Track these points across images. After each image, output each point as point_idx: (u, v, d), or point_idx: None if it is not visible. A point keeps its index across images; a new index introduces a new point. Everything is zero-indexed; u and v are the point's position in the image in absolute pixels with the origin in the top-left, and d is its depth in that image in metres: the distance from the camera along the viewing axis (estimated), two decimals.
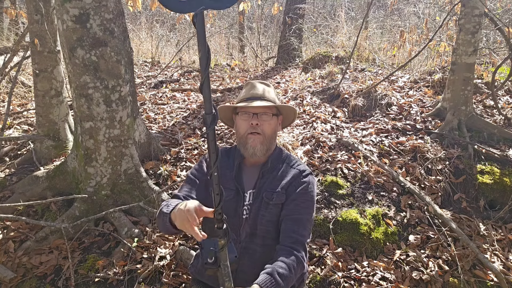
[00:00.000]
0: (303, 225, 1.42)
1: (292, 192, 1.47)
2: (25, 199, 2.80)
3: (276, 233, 1.48)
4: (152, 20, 9.82)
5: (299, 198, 1.45)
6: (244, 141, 1.49)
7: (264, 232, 1.48)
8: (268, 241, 1.48)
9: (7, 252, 2.45)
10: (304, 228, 1.43)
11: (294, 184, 1.48)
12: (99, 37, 2.48)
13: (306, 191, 1.48)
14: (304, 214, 1.44)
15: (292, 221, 1.42)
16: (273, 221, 1.47)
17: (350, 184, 3.03)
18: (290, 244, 1.38)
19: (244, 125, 1.49)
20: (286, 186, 1.49)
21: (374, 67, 5.96)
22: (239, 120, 1.51)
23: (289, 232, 1.40)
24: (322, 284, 2.35)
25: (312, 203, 1.49)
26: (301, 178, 1.50)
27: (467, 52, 3.84)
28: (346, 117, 4.32)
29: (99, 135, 2.65)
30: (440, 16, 7.83)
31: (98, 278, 2.30)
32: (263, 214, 1.47)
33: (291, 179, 1.50)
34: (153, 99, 4.89)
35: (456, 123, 3.84)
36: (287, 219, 1.43)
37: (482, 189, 3.24)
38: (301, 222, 1.42)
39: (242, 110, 1.49)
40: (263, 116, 1.48)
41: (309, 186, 1.49)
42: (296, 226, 1.41)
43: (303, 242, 1.40)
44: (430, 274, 2.43)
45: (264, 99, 1.51)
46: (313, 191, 1.51)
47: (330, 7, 13.88)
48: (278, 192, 1.47)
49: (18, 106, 4.61)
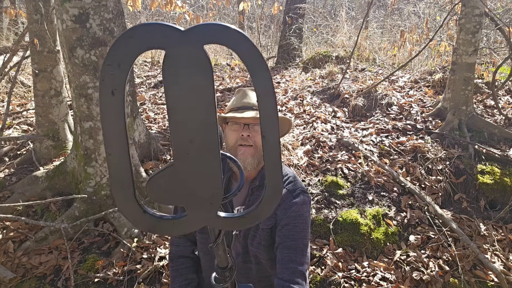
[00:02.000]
0: (300, 251, 1.30)
1: (283, 216, 1.34)
2: (25, 199, 2.79)
3: (268, 255, 1.39)
4: (152, 20, 9.81)
5: (291, 223, 1.33)
6: (234, 153, 1.36)
7: (256, 252, 1.40)
8: (261, 261, 1.41)
9: (6, 252, 2.45)
10: (302, 255, 1.31)
11: (283, 207, 1.35)
12: (99, 37, 2.47)
13: (298, 214, 1.34)
14: (299, 239, 1.32)
15: (287, 249, 1.30)
16: (263, 245, 1.37)
17: (350, 184, 3.03)
18: (288, 277, 1.25)
19: (234, 136, 1.36)
20: (274, 209, 1.37)
21: (374, 67, 5.95)
22: (228, 131, 1.38)
23: (287, 262, 1.28)
24: (322, 284, 2.34)
25: (306, 225, 1.36)
26: (291, 199, 1.36)
27: (467, 52, 3.84)
28: (346, 117, 4.31)
29: (99, 135, 2.64)
30: (441, 16, 7.83)
31: (97, 279, 2.29)
32: (253, 235, 1.39)
33: (279, 201, 1.39)
34: (153, 99, 4.88)
35: (457, 123, 3.83)
36: (282, 247, 1.31)
37: (482, 189, 3.24)
38: (297, 249, 1.30)
39: (232, 120, 1.37)
40: (255, 127, 1.36)
41: (301, 208, 1.36)
42: (293, 254, 1.29)
43: (302, 272, 1.28)
44: (430, 275, 2.43)
45: (257, 109, 1.42)
46: (306, 212, 1.37)
47: (330, 7, 13.87)
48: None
49: (18, 106, 4.61)
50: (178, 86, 0.43)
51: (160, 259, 2.41)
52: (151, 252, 2.45)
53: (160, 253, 2.43)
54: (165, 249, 2.48)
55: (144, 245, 2.51)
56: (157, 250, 2.45)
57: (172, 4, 3.99)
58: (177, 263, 1.50)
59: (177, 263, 1.50)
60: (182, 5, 4.16)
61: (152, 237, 2.57)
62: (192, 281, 1.48)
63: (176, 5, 4.05)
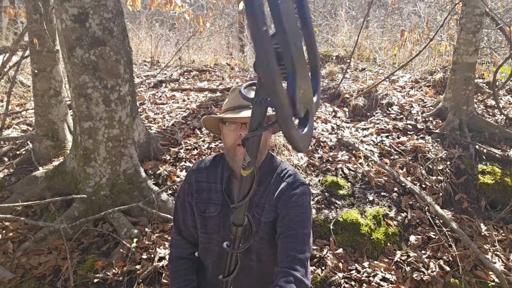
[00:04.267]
0: (301, 240, 1.31)
1: (283, 208, 1.35)
2: (24, 200, 2.78)
3: (270, 250, 1.40)
4: (151, 20, 9.80)
5: (291, 213, 1.34)
6: (232, 153, 1.36)
7: (258, 248, 1.40)
8: (263, 257, 1.42)
9: (6, 252, 2.44)
10: (303, 243, 1.31)
11: (283, 199, 1.37)
12: (98, 36, 2.46)
13: (297, 204, 1.35)
14: (300, 228, 1.32)
15: (288, 238, 1.31)
16: (266, 239, 1.38)
17: (350, 185, 3.02)
18: (287, 264, 1.26)
19: (231, 135, 1.35)
20: (275, 202, 1.38)
21: (374, 67, 5.94)
22: (226, 131, 1.37)
23: (287, 251, 1.29)
24: (322, 284, 2.33)
25: (307, 215, 1.37)
26: (290, 191, 1.37)
27: (468, 52, 3.83)
28: (346, 117, 4.31)
29: (98, 135, 2.63)
30: (441, 16, 7.82)
31: (97, 279, 2.29)
32: (256, 230, 1.38)
33: (279, 194, 1.38)
34: (153, 99, 4.87)
35: (457, 123, 3.83)
36: (283, 237, 1.32)
37: (483, 189, 3.23)
38: (298, 238, 1.31)
39: (229, 120, 1.36)
40: None
41: (300, 198, 1.36)
42: (294, 242, 1.30)
43: (302, 259, 1.27)
44: (431, 275, 2.42)
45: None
46: (306, 202, 1.38)
47: (331, 6, 13.85)
48: (267, 210, 1.38)
49: (17, 106, 4.60)
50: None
51: (160, 259, 2.41)
52: (151, 252, 2.44)
53: (159, 253, 2.42)
54: (164, 249, 2.47)
55: (143, 245, 2.50)
56: (156, 250, 2.45)
57: (171, 3, 3.98)
58: (176, 265, 1.50)
59: (176, 264, 1.50)
60: (182, 5, 4.15)
61: (151, 237, 2.56)
62: (191, 282, 1.47)
63: (176, 4, 4.04)
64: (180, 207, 1.51)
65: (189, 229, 1.49)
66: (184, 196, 1.49)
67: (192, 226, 1.48)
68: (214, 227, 1.41)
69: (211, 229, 1.42)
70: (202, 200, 1.43)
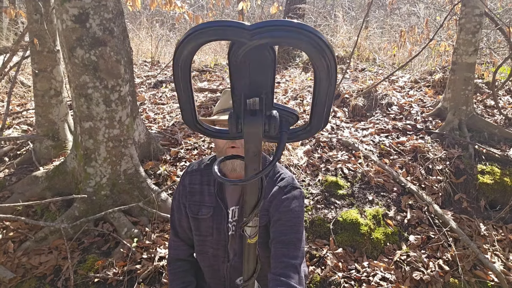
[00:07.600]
0: (293, 245, 1.30)
1: (275, 212, 1.34)
2: (25, 199, 2.79)
3: (265, 253, 1.39)
4: (151, 20, 9.80)
5: (282, 218, 1.33)
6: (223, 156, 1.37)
7: None
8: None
9: (6, 252, 2.45)
10: (295, 249, 1.30)
11: (275, 203, 1.36)
12: (99, 36, 2.47)
13: (289, 208, 1.34)
14: (292, 234, 1.32)
15: (280, 243, 1.30)
16: (260, 242, 1.33)
17: (350, 184, 3.03)
18: (281, 271, 1.25)
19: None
20: (267, 207, 1.37)
21: (374, 67, 5.95)
22: None
23: (279, 257, 1.28)
24: (322, 284, 2.34)
25: (299, 219, 1.36)
26: (282, 195, 1.36)
27: (467, 52, 3.83)
28: (346, 117, 4.31)
29: (99, 135, 2.64)
30: (441, 16, 7.83)
31: (97, 279, 2.29)
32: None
33: (271, 198, 1.37)
34: (153, 99, 4.88)
35: (457, 123, 3.83)
36: (275, 243, 1.31)
37: (482, 189, 3.24)
38: (290, 243, 1.30)
39: (220, 123, 1.33)
40: None
41: (292, 202, 1.35)
42: (286, 248, 1.29)
43: (295, 265, 1.26)
44: (430, 275, 2.43)
45: None
46: (298, 206, 1.36)
47: (330, 7, 13.87)
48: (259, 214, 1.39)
49: (18, 106, 4.60)
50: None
51: (160, 259, 2.41)
52: (151, 252, 2.45)
53: (160, 253, 2.43)
54: (164, 249, 2.47)
55: (144, 245, 2.51)
56: (157, 250, 2.45)
57: (171, 4, 3.98)
58: (175, 266, 1.50)
59: (174, 266, 1.50)
60: (182, 5, 4.16)
61: (152, 237, 2.56)
62: (190, 283, 1.47)
63: (176, 5, 4.04)
64: (176, 209, 1.51)
65: (185, 231, 1.49)
66: (179, 198, 1.49)
67: (188, 228, 1.48)
68: (207, 229, 1.41)
69: (204, 231, 1.42)
70: (195, 202, 1.43)
